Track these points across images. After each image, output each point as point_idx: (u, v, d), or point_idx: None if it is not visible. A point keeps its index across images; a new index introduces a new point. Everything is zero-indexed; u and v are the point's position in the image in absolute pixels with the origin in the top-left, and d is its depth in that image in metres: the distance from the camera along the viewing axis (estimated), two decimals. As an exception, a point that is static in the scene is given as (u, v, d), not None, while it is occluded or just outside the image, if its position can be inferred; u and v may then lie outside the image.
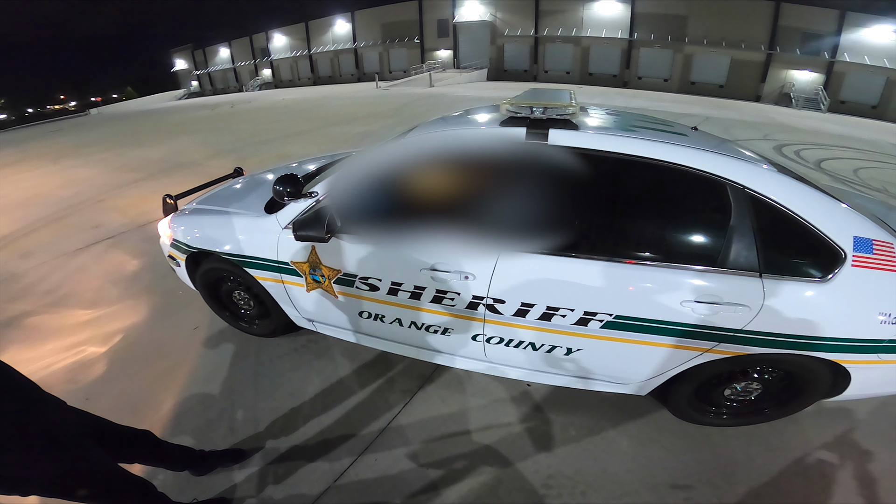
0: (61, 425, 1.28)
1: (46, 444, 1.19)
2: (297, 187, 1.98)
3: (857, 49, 22.98)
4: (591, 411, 2.20)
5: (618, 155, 1.70)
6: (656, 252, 1.70)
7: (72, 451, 1.26)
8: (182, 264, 2.58)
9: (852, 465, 1.94)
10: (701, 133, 2.22)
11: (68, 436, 1.27)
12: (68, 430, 1.29)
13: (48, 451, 1.19)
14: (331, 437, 2.09)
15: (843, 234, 1.61)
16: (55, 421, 1.27)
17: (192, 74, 51.48)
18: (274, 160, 7.58)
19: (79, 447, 1.29)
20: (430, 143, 1.96)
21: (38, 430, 1.19)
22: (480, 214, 1.87)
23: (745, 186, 1.62)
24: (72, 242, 4.49)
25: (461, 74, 28.83)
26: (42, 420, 1.23)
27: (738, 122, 13.22)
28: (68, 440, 1.26)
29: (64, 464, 1.22)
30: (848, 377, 1.72)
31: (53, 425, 1.25)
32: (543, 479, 1.88)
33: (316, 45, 39.64)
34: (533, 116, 1.83)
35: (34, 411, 1.23)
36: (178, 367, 2.57)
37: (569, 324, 1.80)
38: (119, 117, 22.36)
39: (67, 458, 1.24)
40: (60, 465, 1.21)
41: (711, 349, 1.72)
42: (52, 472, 1.20)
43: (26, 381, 1.27)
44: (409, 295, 1.99)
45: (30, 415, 1.20)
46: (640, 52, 28.01)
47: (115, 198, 6.03)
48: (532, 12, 29.59)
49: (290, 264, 2.16)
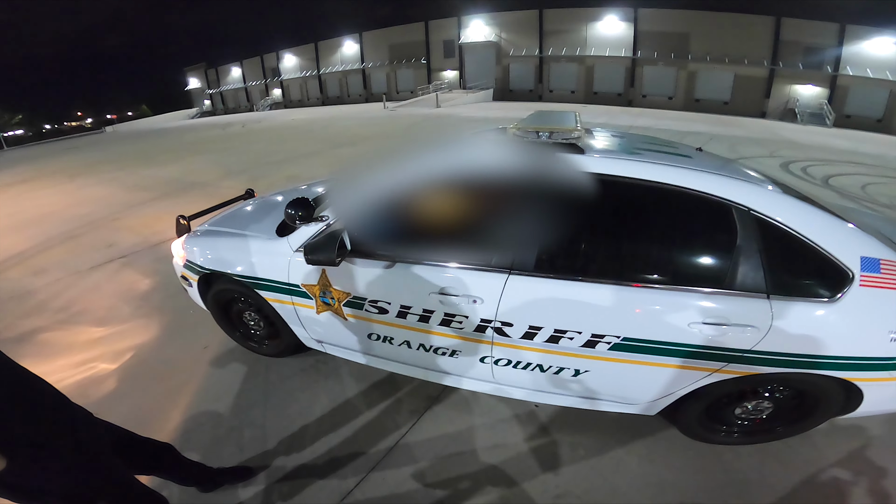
0: (90, 437, 1.30)
1: (75, 455, 1.20)
2: (309, 211, 2.02)
3: (859, 62, 23.04)
4: (599, 431, 2.18)
5: (623, 179, 1.73)
6: (663, 275, 1.72)
7: (98, 463, 1.27)
8: (194, 285, 2.63)
9: (867, 481, 1.91)
10: (706, 154, 2.25)
11: (96, 448, 1.29)
12: (96, 443, 1.31)
13: (76, 462, 1.19)
14: (338, 455, 2.10)
15: (850, 254, 1.62)
16: (84, 433, 1.28)
17: (205, 93, 52.59)
18: (284, 181, 7.70)
19: (105, 459, 1.31)
20: (438, 168, 2.00)
21: (68, 441, 1.20)
22: (487, 238, 1.90)
23: (751, 208, 1.64)
24: (85, 261, 4.57)
25: (467, 95, 29.18)
26: (72, 431, 1.23)
27: (744, 140, 13.24)
28: (96, 452, 1.28)
29: (88, 475, 1.23)
30: (860, 394, 1.71)
31: (82, 437, 1.26)
32: (551, 500, 1.86)
33: (325, 65, 40.47)
34: (539, 141, 1.87)
35: (64, 422, 1.24)
36: (187, 385, 2.60)
37: (576, 346, 1.80)
38: (133, 135, 22.87)
39: (93, 470, 1.25)
40: (85, 476, 1.22)
41: (720, 369, 1.72)
42: (76, 483, 1.20)
43: (55, 392, 1.28)
44: (417, 318, 2.01)
45: (59, 425, 1.21)
46: (643, 70, 28.28)
47: (129, 217, 6.15)
48: (536, 32, 30.09)
49: (300, 287, 2.20)
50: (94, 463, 1.26)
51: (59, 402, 1.28)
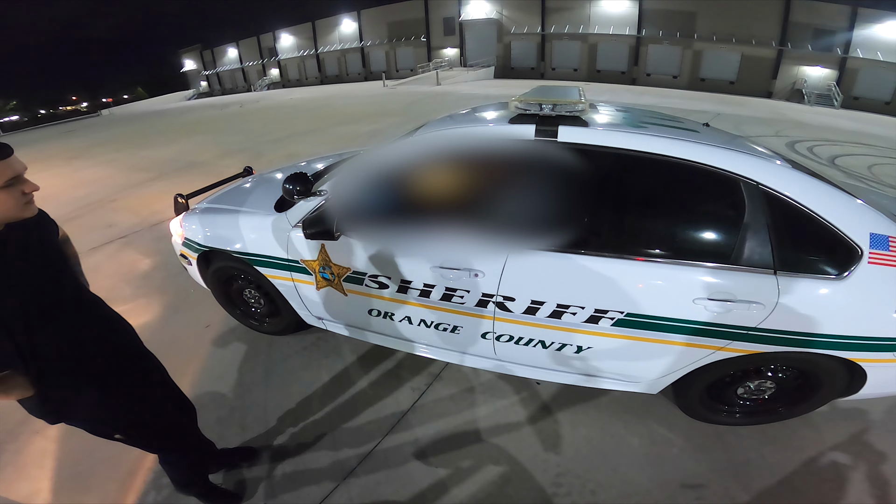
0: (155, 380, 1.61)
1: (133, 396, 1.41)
2: (307, 186, 1.98)
3: (869, 45, 22.58)
4: (600, 410, 2.19)
5: (628, 151, 1.68)
6: (668, 249, 1.68)
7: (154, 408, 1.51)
8: (194, 263, 2.61)
9: (866, 465, 1.91)
10: (713, 129, 2.20)
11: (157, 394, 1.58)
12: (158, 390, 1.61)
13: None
14: (340, 434, 2.11)
15: (859, 230, 1.58)
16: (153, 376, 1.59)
17: (201, 75, 51.79)
18: (283, 159, 7.62)
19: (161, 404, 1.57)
20: (439, 141, 1.96)
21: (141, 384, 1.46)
22: (490, 212, 1.87)
23: (759, 183, 1.60)
24: (85, 242, 4.55)
25: (468, 72, 28.70)
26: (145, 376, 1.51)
27: (749, 119, 13.03)
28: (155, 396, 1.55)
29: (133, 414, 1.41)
30: (864, 376, 1.69)
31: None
32: (553, 478, 1.88)
33: (323, 44, 39.70)
34: (542, 113, 1.82)
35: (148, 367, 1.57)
36: (189, 364, 2.60)
37: (579, 322, 1.79)
38: (130, 118, 22.62)
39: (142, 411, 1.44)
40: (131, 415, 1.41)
41: (724, 347, 1.70)
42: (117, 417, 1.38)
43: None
44: (418, 293, 1.99)
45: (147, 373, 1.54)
46: (648, 48, 27.69)
47: (127, 198, 6.11)
48: (539, 9, 29.37)
49: (300, 262, 2.18)
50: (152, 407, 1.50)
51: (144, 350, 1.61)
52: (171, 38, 78.51)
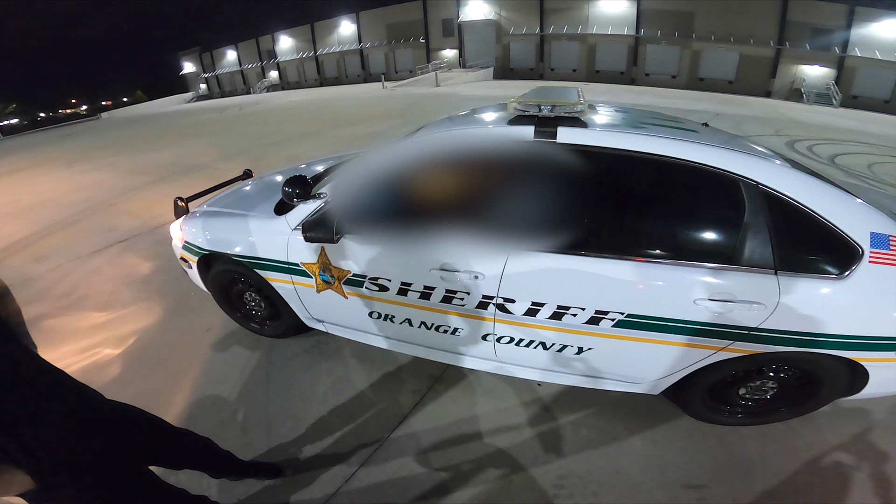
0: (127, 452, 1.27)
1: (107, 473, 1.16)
2: (307, 188, 1.99)
3: (867, 44, 22.64)
4: (602, 411, 2.18)
5: (628, 152, 1.68)
6: (668, 250, 1.68)
7: (130, 479, 1.24)
8: (194, 266, 2.61)
9: (869, 465, 1.90)
10: (712, 129, 2.20)
11: (130, 464, 1.27)
12: (131, 458, 1.28)
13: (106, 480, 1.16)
14: (341, 437, 2.10)
15: (859, 230, 1.58)
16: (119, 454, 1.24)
17: (201, 77, 51.92)
18: (283, 162, 7.63)
19: (139, 476, 1.28)
20: (439, 142, 1.96)
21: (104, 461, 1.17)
22: (490, 213, 1.87)
23: (759, 183, 1.60)
24: (86, 246, 4.56)
25: (467, 74, 28.77)
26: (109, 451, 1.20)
27: (748, 118, 13.05)
28: (131, 469, 1.26)
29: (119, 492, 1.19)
30: (866, 375, 1.69)
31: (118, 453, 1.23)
32: (554, 480, 1.87)
33: (322, 46, 39.78)
34: (541, 115, 1.82)
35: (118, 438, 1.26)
36: (190, 368, 2.60)
37: (580, 323, 1.79)
38: (129, 121, 22.64)
39: (124, 486, 1.21)
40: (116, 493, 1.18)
41: (725, 348, 1.70)
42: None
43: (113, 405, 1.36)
44: (418, 295, 1.99)
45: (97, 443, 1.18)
46: (646, 48, 27.73)
47: (127, 201, 6.11)
48: (537, 10, 29.42)
49: (300, 265, 2.17)
50: (125, 478, 1.22)
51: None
52: (171, 40, 79.02)
